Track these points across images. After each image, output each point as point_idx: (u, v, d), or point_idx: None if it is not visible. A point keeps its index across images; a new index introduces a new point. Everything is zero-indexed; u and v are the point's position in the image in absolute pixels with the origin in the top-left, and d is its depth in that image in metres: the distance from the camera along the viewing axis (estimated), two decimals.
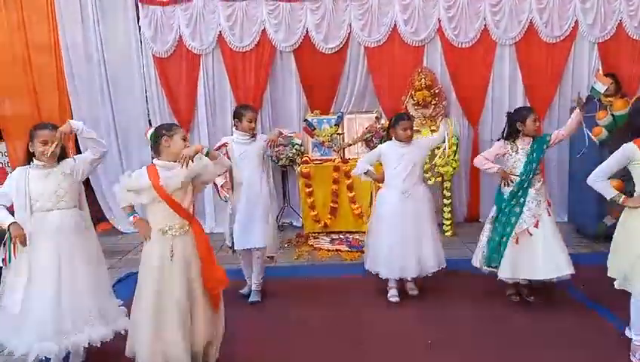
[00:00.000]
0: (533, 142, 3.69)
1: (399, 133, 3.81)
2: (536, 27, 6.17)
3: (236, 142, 3.91)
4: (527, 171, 3.63)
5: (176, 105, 6.42)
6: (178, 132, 2.80)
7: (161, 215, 2.75)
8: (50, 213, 2.88)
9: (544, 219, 3.59)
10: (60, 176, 2.91)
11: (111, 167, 6.44)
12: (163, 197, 2.69)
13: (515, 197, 3.64)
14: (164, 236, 2.73)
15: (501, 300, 3.81)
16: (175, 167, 2.73)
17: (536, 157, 3.65)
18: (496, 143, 3.85)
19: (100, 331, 2.89)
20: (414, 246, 3.77)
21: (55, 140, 2.86)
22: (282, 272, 4.76)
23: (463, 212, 6.50)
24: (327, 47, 6.29)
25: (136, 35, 6.34)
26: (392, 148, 3.88)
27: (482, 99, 6.30)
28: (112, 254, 5.47)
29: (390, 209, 3.83)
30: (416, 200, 3.83)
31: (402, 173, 3.80)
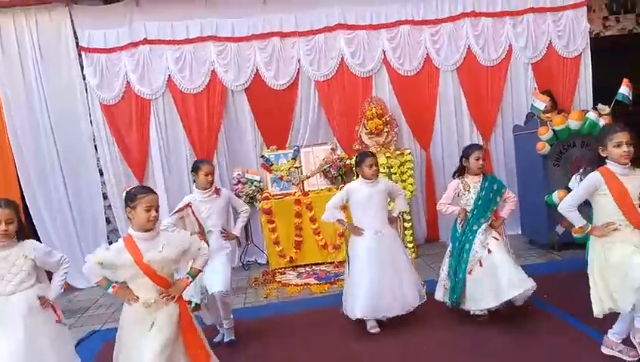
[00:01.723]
0: (483, 180, 3.83)
1: (365, 170, 3.86)
2: (474, 52, 6.53)
3: (199, 200, 3.90)
4: (477, 208, 3.76)
5: (128, 152, 6.28)
6: (142, 201, 2.63)
7: (144, 289, 2.64)
8: (13, 296, 2.77)
9: (492, 244, 3.68)
10: (21, 259, 2.79)
11: (61, 222, 6.21)
12: (147, 274, 2.60)
13: (465, 234, 3.78)
14: (148, 308, 2.62)
15: (471, 319, 3.85)
16: (154, 238, 2.65)
17: (485, 197, 3.78)
18: (450, 184, 3.97)
19: None
20: (394, 285, 3.76)
21: (10, 219, 2.74)
22: (253, 312, 4.69)
23: (423, 233, 6.65)
24: (278, 84, 6.39)
25: (81, 84, 6.19)
26: (359, 188, 3.90)
27: (431, 123, 6.55)
28: (69, 313, 5.21)
29: (365, 249, 3.81)
30: (388, 239, 3.86)
31: (373, 213, 3.84)
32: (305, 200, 6.06)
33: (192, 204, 3.87)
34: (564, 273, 4.73)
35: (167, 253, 2.64)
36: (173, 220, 3.85)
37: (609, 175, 2.90)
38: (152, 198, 2.65)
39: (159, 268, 2.62)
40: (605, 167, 2.94)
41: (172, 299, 2.66)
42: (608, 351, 3.13)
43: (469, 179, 3.86)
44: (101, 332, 4.61)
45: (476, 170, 3.82)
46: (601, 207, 2.98)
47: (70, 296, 5.95)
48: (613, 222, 2.89)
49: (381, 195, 3.89)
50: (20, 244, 2.83)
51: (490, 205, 3.80)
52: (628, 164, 2.88)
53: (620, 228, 2.89)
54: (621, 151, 2.85)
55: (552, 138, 5.40)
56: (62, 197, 6.19)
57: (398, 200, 4.03)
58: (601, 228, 2.93)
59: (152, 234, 2.66)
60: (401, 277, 3.81)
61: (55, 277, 2.96)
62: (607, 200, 2.91)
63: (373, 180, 3.86)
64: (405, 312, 3.80)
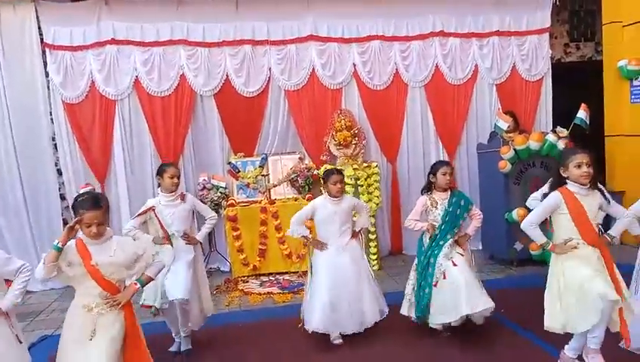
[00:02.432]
0: (450, 196, 3.90)
1: (330, 187, 3.89)
2: (442, 70, 6.70)
3: (163, 204, 3.82)
4: (445, 223, 3.82)
5: (90, 153, 6.12)
6: (82, 218, 2.53)
7: (88, 291, 2.56)
8: None
9: (457, 259, 3.75)
10: None
11: (16, 221, 5.98)
12: (94, 277, 2.53)
13: (431, 248, 3.83)
14: (89, 313, 2.54)
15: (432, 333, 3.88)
16: (104, 243, 2.58)
17: (453, 213, 3.84)
18: (419, 200, 4.02)
19: None
20: (353, 302, 3.77)
21: None
22: (215, 321, 4.58)
23: (387, 245, 6.71)
24: (248, 91, 6.37)
25: (43, 81, 6.01)
26: (324, 205, 3.93)
27: (398, 138, 6.66)
28: (21, 316, 4.98)
29: (327, 264, 3.83)
30: (350, 253, 3.88)
31: (336, 231, 3.89)
32: (271, 208, 6.03)
33: (156, 207, 3.79)
34: (521, 288, 4.84)
35: (118, 257, 2.57)
36: (136, 223, 3.77)
37: (568, 195, 3.02)
38: (91, 216, 2.53)
39: (107, 273, 2.55)
40: (565, 188, 3.05)
41: (117, 304, 2.57)
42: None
43: (437, 196, 3.92)
44: (53, 337, 4.42)
45: (444, 186, 3.89)
46: (560, 225, 3.09)
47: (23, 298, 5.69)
48: (572, 238, 3.00)
49: (345, 213, 3.94)
50: None
51: (457, 221, 3.86)
52: (587, 184, 3.01)
53: (578, 246, 2.99)
54: (581, 172, 2.97)
55: (513, 157, 5.56)
56: (18, 197, 5.97)
57: (362, 216, 4.09)
58: (560, 246, 3.04)
59: (102, 240, 2.59)
60: (361, 293, 3.81)
61: (13, 284, 2.75)
62: (565, 219, 3.03)
63: (338, 197, 3.90)
64: (363, 329, 3.80)
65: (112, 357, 2.51)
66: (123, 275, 2.62)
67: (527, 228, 3.17)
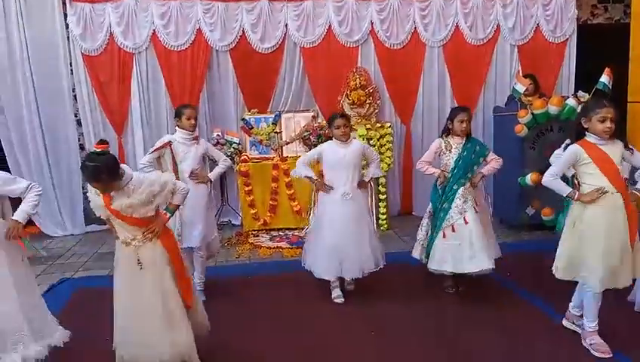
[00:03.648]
0: (465, 142, 3.87)
1: (335, 132, 3.87)
2: (462, 30, 6.53)
3: (179, 142, 3.91)
4: (457, 168, 3.81)
5: (108, 104, 6.24)
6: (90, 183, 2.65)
7: (122, 228, 2.68)
8: None
9: (470, 215, 3.75)
10: None
11: (37, 167, 6.19)
12: (118, 218, 2.63)
13: (445, 193, 3.83)
14: (128, 247, 2.66)
15: (436, 291, 3.98)
16: (121, 189, 2.64)
17: (467, 157, 3.82)
18: (433, 143, 4.00)
19: (33, 349, 2.71)
20: (355, 248, 3.80)
21: None
22: (224, 271, 4.76)
23: (397, 206, 6.75)
24: (264, 47, 6.35)
25: (64, 33, 6.09)
26: (331, 148, 3.90)
27: (413, 98, 6.58)
28: (40, 260, 5.25)
29: (331, 211, 3.85)
30: (355, 202, 3.87)
31: (342, 175, 3.84)
32: (282, 165, 6.10)
33: (172, 143, 3.88)
34: (530, 253, 4.85)
35: (135, 199, 2.63)
36: (151, 158, 3.88)
37: (588, 145, 2.95)
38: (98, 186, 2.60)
39: (129, 213, 2.63)
40: (584, 140, 2.98)
41: (154, 233, 2.67)
42: (568, 324, 3.29)
43: (452, 140, 3.89)
44: (72, 280, 4.65)
45: (460, 133, 3.85)
46: (585, 176, 2.99)
47: (44, 242, 5.97)
48: (603, 186, 2.91)
49: (354, 156, 3.86)
50: None
51: (470, 166, 3.83)
52: (607, 138, 2.93)
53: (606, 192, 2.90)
54: (604, 127, 2.88)
55: (530, 121, 5.46)
56: (39, 147, 6.15)
57: (372, 165, 4.03)
58: (588, 193, 2.94)
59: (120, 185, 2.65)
60: (361, 241, 3.84)
61: (25, 199, 2.79)
62: (590, 168, 2.95)
63: (344, 141, 3.87)
64: (362, 275, 3.84)
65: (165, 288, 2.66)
66: (143, 212, 2.66)
67: (548, 180, 3.11)
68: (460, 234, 3.73)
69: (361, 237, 3.85)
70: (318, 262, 3.88)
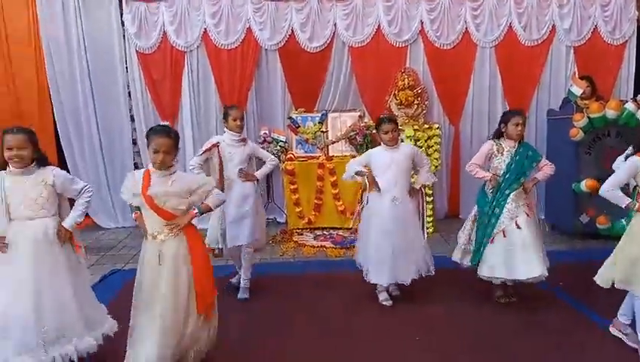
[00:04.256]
0: (518, 146, 3.75)
1: (382, 136, 3.82)
2: (515, 30, 6.37)
3: (227, 143, 3.96)
4: (509, 173, 3.70)
5: (160, 101, 6.40)
6: (151, 142, 2.68)
7: (150, 220, 2.71)
8: (30, 222, 2.76)
9: (522, 220, 3.64)
10: (41, 185, 2.79)
11: (91, 162, 6.42)
12: (150, 206, 2.66)
13: (495, 198, 3.72)
14: (154, 240, 2.70)
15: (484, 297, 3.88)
16: (166, 176, 2.70)
17: (520, 161, 3.71)
18: (484, 145, 3.89)
19: (86, 341, 2.81)
20: (404, 254, 3.75)
21: (22, 145, 2.73)
22: (268, 269, 4.79)
23: (443, 208, 6.64)
24: (312, 46, 6.37)
25: (120, 31, 6.29)
26: (380, 153, 3.85)
27: (463, 100, 6.47)
28: (93, 251, 5.43)
29: (380, 215, 3.79)
30: (405, 208, 3.80)
31: (392, 180, 3.77)
32: (328, 164, 6.10)
33: (220, 144, 3.94)
34: (583, 262, 4.62)
35: (173, 188, 2.69)
36: (200, 160, 3.94)
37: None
38: (159, 142, 2.66)
39: (161, 202, 2.66)
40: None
41: (176, 228, 2.69)
42: (616, 332, 3.17)
43: (505, 143, 3.78)
44: (122, 271, 4.78)
45: (514, 136, 3.73)
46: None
47: (96, 234, 6.17)
48: None
49: (403, 161, 3.80)
50: (39, 171, 2.81)
51: (523, 170, 3.72)
52: None
53: None
54: None
55: (586, 125, 5.26)
56: (94, 140, 6.39)
57: (422, 171, 3.92)
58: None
59: (166, 172, 2.71)
60: (411, 248, 3.78)
61: (76, 204, 2.94)
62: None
63: (392, 146, 3.80)
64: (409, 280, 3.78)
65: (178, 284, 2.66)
66: (175, 204, 2.71)
67: (606, 191, 3.02)
68: (512, 240, 3.62)
69: (411, 244, 3.79)
70: (369, 265, 3.84)
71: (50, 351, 2.69)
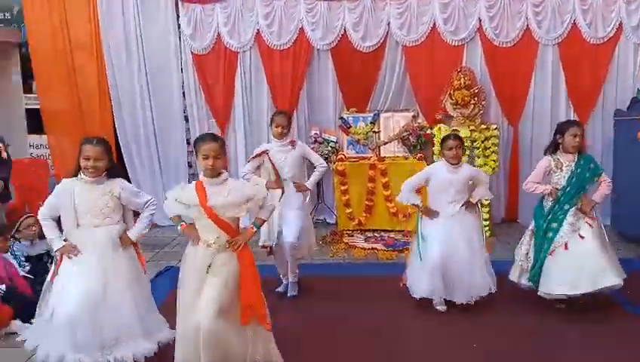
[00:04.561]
0: (579, 158, 3.58)
1: (446, 153, 3.71)
2: (580, 27, 6.06)
3: (275, 150, 3.98)
4: (570, 186, 3.53)
5: (213, 101, 6.49)
6: (200, 150, 2.69)
7: (206, 229, 2.70)
8: (97, 229, 2.86)
9: (585, 230, 3.47)
10: (107, 195, 2.87)
11: (148, 160, 6.57)
12: (211, 217, 2.65)
13: (552, 212, 3.57)
14: (208, 248, 2.68)
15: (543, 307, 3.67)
16: (220, 183, 2.70)
17: (581, 175, 3.54)
18: (541, 162, 3.74)
19: (144, 346, 2.83)
20: (465, 271, 3.59)
21: (99, 156, 2.81)
22: (319, 270, 4.74)
23: (500, 212, 6.40)
24: (365, 46, 6.28)
25: (176, 33, 6.41)
26: (441, 171, 3.75)
27: (523, 99, 6.21)
28: (149, 248, 5.54)
29: (436, 231, 3.68)
30: (464, 223, 3.68)
31: (451, 198, 3.68)
32: (380, 165, 5.99)
33: (269, 151, 3.96)
34: None
35: (231, 198, 2.68)
36: (251, 167, 3.99)
37: None
38: (208, 147, 2.67)
39: (221, 212, 2.66)
40: None
41: (238, 245, 2.69)
42: None
43: (562, 157, 3.62)
44: (176, 268, 4.83)
45: (571, 149, 3.57)
46: None
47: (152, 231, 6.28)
48: None
49: (461, 183, 3.71)
50: (108, 182, 2.90)
51: (584, 184, 3.55)
52: None
53: None
54: None
55: None
56: (150, 140, 6.54)
57: (481, 187, 3.81)
58: None
59: (220, 180, 2.71)
60: (471, 264, 3.62)
61: (140, 217, 3.03)
62: None
63: (455, 164, 3.69)
64: (469, 300, 3.63)
65: (224, 296, 2.62)
66: (234, 213, 2.72)
67: None
68: (576, 252, 3.44)
69: (472, 260, 3.63)
70: (420, 279, 3.70)
71: (107, 353, 2.73)
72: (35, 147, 6.88)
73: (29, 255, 4.04)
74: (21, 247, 4.04)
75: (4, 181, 4.93)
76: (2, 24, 6.88)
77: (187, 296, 2.67)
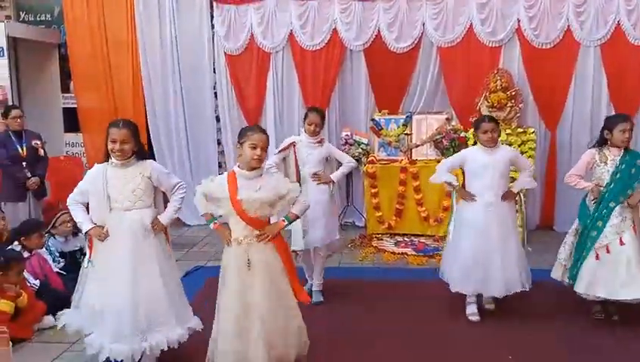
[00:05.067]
0: (624, 154, 3.43)
1: (481, 136, 3.56)
2: (624, 29, 5.80)
3: (303, 144, 3.92)
4: (614, 183, 3.39)
5: (245, 102, 6.50)
6: (249, 139, 2.65)
7: (238, 226, 2.68)
8: (128, 213, 2.83)
9: (627, 236, 3.33)
10: (138, 176, 2.86)
11: (179, 159, 6.63)
12: (239, 212, 2.62)
13: (598, 210, 3.42)
14: (239, 246, 2.66)
15: (581, 316, 3.56)
16: (254, 178, 2.66)
17: (626, 171, 3.38)
18: (585, 153, 3.60)
19: (176, 331, 2.84)
20: (500, 264, 3.45)
21: (126, 139, 2.79)
22: (348, 273, 4.70)
23: (535, 219, 6.20)
24: (399, 47, 6.17)
25: (209, 33, 6.45)
26: (476, 154, 3.60)
27: (562, 103, 5.98)
28: (178, 247, 5.56)
29: (472, 220, 3.54)
30: (500, 214, 3.52)
31: (489, 182, 3.50)
32: (411, 168, 5.88)
33: (296, 144, 3.90)
34: None
35: (262, 194, 2.64)
36: (277, 159, 3.93)
37: None
38: (259, 137, 2.65)
39: (251, 209, 2.62)
40: None
41: (266, 238, 2.66)
42: None
43: (608, 152, 3.47)
44: (205, 268, 4.87)
45: (620, 144, 3.41)
46: None
47: (181, 230, 6.36)
48: None
49: (501, 164, 3.52)
50: (138, 163, 2.88)
51: (630, 181, 3.38)
52: None
53: None
54: None
55: None
56: (182, 139, 6.60)
57: (523, 174, 3.66)
58: None
59: (254, 174, 2.67)
60: (507, 258, 3.48)
61: (171, 201, 3.01)
62: None
63: (491, 147, 3.53)
64: (505, 294, 3.50)
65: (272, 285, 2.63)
66: (266, 212, 2.68)
67: None
68: (615, 257, 3.30)
69: (508, 253, 3.49)
70: (455, 273, 3.59)
71: (143, 339, 2.74)
72: (70, 145, 7.05)
73: (62, 251, 4.12)
74: (56, 243, 4.12)
75: (40, 178, 5.07)
76: (43, 25, 7.06)
77: (230, 297, 2.65)
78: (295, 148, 3.91)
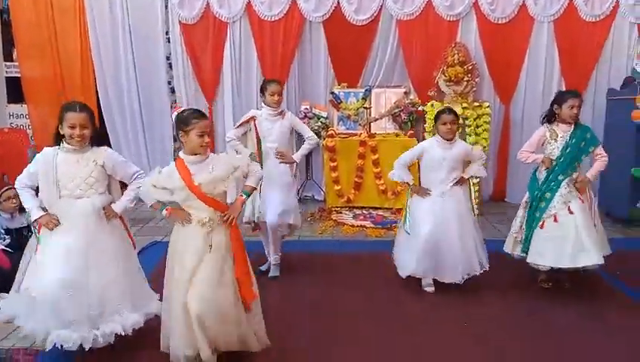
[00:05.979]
0: (574, 130, 3.52)
1: (440, 127, 3.60)
2: (576, 5, 5.97)
3: (264, 117, 3.83)
4: (564, 157, 3.49)
5: (201, 72, 6.32)
6: (195, 127, 2.54)
7: (197, 210, 2.58)
8: (79, 200, 2.70)
9: (575, 205, 3.44)
10: (91, 164, 2.72)
11: (133, 134, 6.43)
12: (199, 196, 2.54)
13: (547, 182, 3.53)
14: (203, 227, 2.56)
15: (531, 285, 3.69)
16: (203, 161, 2.58)
17: (575, 145, 3.48)
18: (536, 131, 3.69)
19: (131, 318, 2.74)
20: (456, 249, 3.51)
21: (85, 124, 2.66)
22: (307, 246, 4.70)
23: (488, 191, 6.39)
24: (358, 19, 6.13)
25: (163, 1, 6.19)
26: (434, 148, 3.64)
27: (516, 77, 6.14)
28: (134, 222, 5.43)
29: (426, 208, 3.59)
30: (455, 199, 3.59)
31: (444, 176, 3.59)
32: (370, 142, 5.91)
33: (257, 118, 3.81)
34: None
35: (217, 172, 2.58)
36: (237, 133, 3.84)
37: None
38: (205, 124, 2.57)
39: (210, 190, 2.56)
40: None
41: (232, 220, 2.61)
42: None
43: (558, 128, 3.56)
44: (162, 243, 4.77)
45: (568, 119, 3.51)
46: None
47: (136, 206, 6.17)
48: None
49: (455, 160, 3.60)
50: (92, 150, 2.76)
51: (579, 154, 3.50)
52: None
53: None
54: None
55: None
56: (135, 112, 6.39)
57: (475, 164, 3.71)
58: None
59: (203, 158, 2.60)
60: (463, 242, 3.55)
61: (127, 190, 2.89)
62: None
63: (449, 140, 3.59)
64: (461, 280, 3.57)
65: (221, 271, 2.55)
66: (223, 188, 2.62)
67: None
68: (564, 226, 3.42)
69: (464, 238, 3.55)
70: (408, 257, 3.62)
71: (94, 327, 2.64)
72: (14, 116, 6.67)
73: (8, 228, 3.93)
74: (1, 220, 3.92)
75: None
76: None
77: (183, 274, 2.53)
78: (255, 123, 3.82)
